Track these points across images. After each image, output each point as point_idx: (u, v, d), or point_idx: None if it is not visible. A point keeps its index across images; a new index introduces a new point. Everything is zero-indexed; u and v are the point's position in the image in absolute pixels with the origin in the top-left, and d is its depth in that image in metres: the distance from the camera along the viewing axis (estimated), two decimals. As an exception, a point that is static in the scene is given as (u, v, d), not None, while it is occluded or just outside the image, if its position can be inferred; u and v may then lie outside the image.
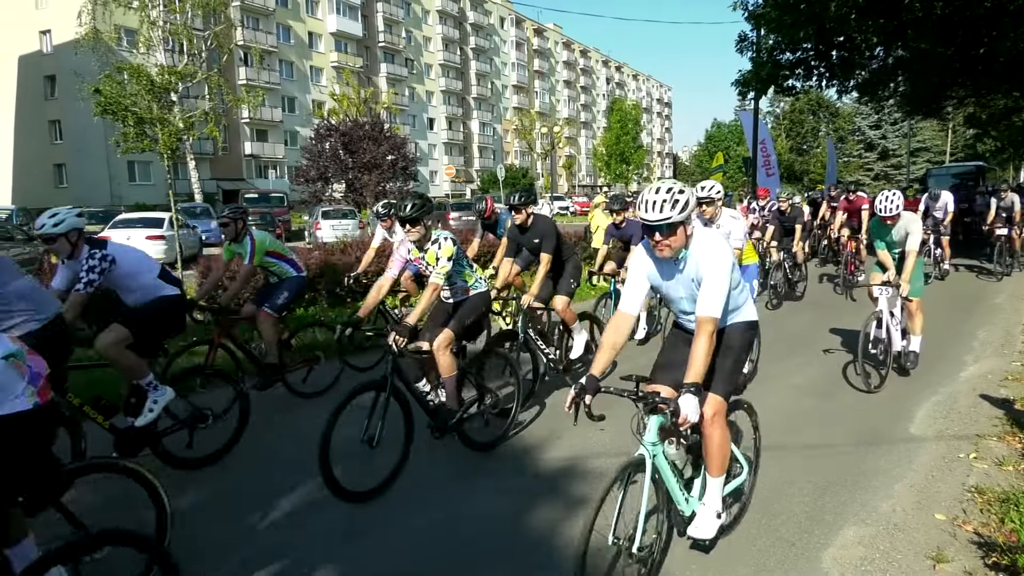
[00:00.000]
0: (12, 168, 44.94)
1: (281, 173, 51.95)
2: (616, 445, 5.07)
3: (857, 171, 58.77)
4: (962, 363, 7.27)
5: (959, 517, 3.92)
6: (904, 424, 5.47)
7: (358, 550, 3.68)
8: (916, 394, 6.21)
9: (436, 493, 4.34)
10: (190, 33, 31.22)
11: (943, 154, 56.51)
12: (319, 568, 3.51)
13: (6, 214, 19.41)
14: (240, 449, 5.07)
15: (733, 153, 66.76)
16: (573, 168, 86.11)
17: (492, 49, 77.51)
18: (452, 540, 3.77)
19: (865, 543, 3.68)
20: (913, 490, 4.29)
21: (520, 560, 3.58)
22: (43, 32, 42.49)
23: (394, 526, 3.93)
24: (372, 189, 32.89)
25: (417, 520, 4.00)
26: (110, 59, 21.67)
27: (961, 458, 4.76)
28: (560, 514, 4.06)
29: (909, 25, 15.33)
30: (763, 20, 18.98)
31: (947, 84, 21.23)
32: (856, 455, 4.85)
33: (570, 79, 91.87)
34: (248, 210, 6.58)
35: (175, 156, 12.28)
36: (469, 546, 3.71)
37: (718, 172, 20.92)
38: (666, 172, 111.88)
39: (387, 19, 62.24)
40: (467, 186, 68.66)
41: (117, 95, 11.00)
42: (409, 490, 4.38)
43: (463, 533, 3.85)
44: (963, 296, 11.27)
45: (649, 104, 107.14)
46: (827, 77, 20.89)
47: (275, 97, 50.79)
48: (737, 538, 3.73)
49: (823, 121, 70.31)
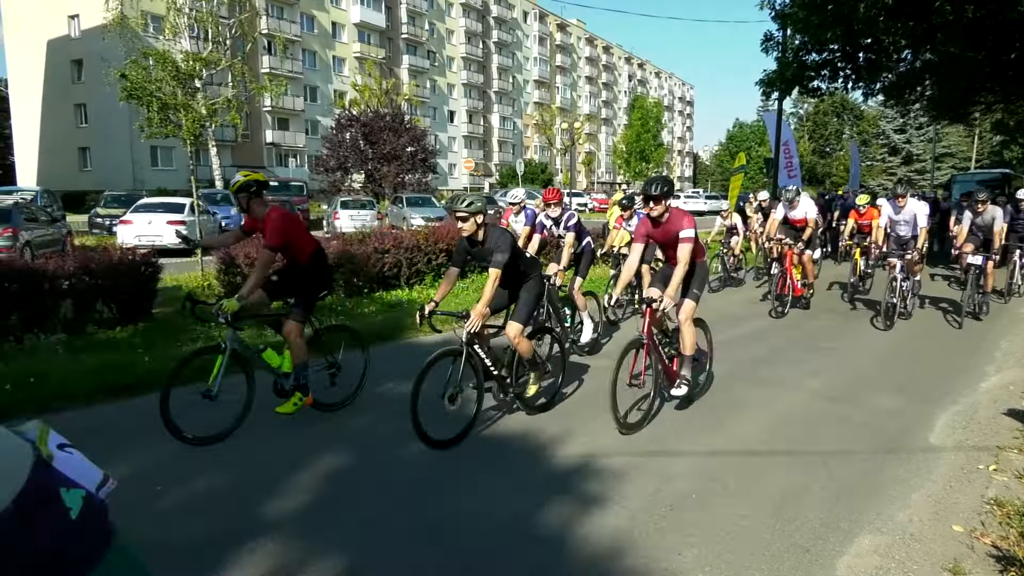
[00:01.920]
0: (38, 150, 45.51)
1: (301, 162, 52.15)
2: (629, 444, 5.06)
3: (880, 175, 58.19)
4: (983, 373, 7.17)
5: (977, 529, 3.86)
6: (923, 433, 5.40)
7: (367, 546, 3.67)
8: (936, 403, 6.13)
9: (449, 489, 4.33)
10: (215, 20, 31.35)
11: (968, 160, 55.80)
12: (330, 559, 3.50)
13: (31, 196, 19.65)
14: (244, 432, 5.10)
15: (754, 154, 66.31)
16: (592, 165, 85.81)
17: (514, 43, 77.32)
18: (464, 536, 3.76)
19: (881, 552, 3.63)
20: (931, 500, 4.24)
21: (534, 557, 3.56)
22: (71, 17, 42.99)
23: (406, 521, 3.92)
24: (391, 180, 32.96)
25: (431, 514, 3.99)
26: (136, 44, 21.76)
27: (980, 469, 4.69)
28: (571, 511, 4.04)
29: (939, 28, 15.10)
30: (790, 20, 18.81)
31: (976, 89, 20.93)
32: (873, 463, 4.79)
33: (592, 75, 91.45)
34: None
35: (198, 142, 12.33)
36: (482, 542, 3.70)
37: (739, 173, 20.70)
38: (686, 171, 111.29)
39: (410, 11, 62.26)
40: (485, 180, 68.64)
41: (143, 80, 11.07)
42: (422, 485, 4.38)
43: (475, 529, 3.83)
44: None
45: (671, 102, 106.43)
46: (853, 79, 20.68)
47: (297, 86, 51.01)
48: (752, 542, 3.70)
49: (847, 123, 69.66)
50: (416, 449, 4.80)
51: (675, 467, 4.68)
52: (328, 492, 4.26)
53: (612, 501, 4.16)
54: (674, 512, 4.03)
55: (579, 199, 51.11)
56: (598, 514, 4.00)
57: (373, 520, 3.90)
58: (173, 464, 4.61)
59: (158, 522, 3.83)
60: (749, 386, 6.57)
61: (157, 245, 12.32)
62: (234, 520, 3.85)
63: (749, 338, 8.75)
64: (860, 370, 7.31)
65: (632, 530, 3.82)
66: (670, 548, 3.63)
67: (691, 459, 4.83)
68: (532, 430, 5.35)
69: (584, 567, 3.47)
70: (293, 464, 4.61)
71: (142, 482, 4.23)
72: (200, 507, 4.03)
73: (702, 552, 3.59)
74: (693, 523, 3.90)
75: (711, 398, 6.00)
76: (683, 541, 3.70)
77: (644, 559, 3.54)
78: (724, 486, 4.39)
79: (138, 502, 3.99)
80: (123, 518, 2.48)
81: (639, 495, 4.25)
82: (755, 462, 4.78)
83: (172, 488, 4.27)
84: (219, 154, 34.10)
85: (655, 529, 3.84)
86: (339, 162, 33.80)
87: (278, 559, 3.48)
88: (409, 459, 4.72)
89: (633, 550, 3.62)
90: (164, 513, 3.96)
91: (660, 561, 3.52)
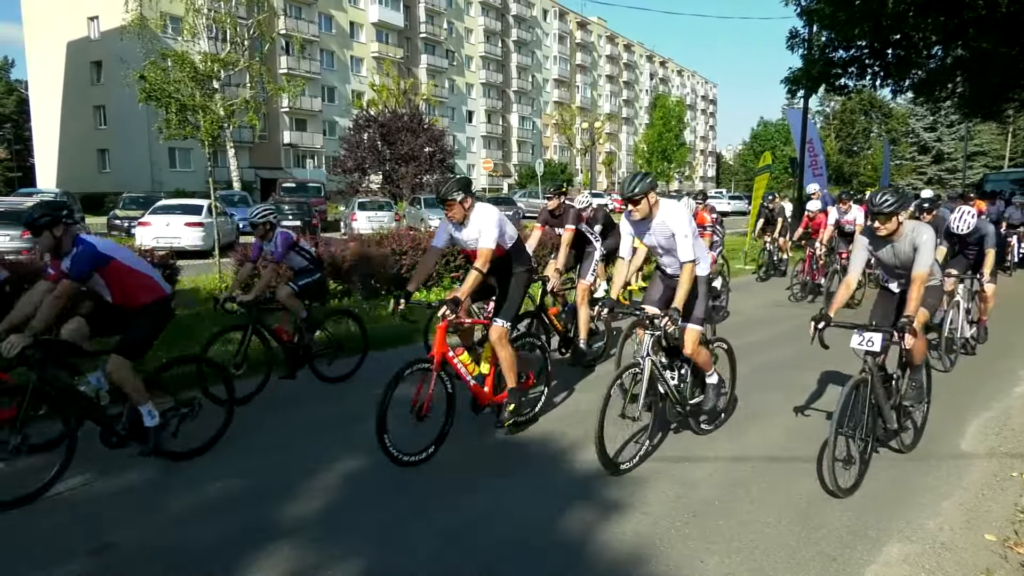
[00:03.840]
0: (58, 152, 46.06)
1: (319, 163, 52.44)
2: (651, 449, 4.97)
3: (910, 174, 57.33)
4: (1017, 378, 7.00)
5: (1010, 539, 3.75)
6: (954, 440, 5.27)
7: (385, 549, 3.63)
8: (967, 409, 5.98)
9: (467, 493, 4.28)
10: (234, 21, 31.61)
11: (1002, 159, 54.88)
12: (348, 563, 3.46)
13: (51, 198, 19.80)
14: (261, 437, 5.07)
15: (779, 153, 65.45)
16: (613, 165, 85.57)
17: (534, 42, 77.20)
18: (484, 539, 3.71)
19: (911, 561, 3.53)
20: (962, 508, 4.12)
21: (554, 562, 3.51)
22: (91, 18, 43.50)
23: (424, 525, 3.87)
24: (409, 181, 33.04)
25: (448, 519, 3.94)
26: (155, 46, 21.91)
27: (1014, 477, 4.56)
28: (593, 516, 3.98)
29: (971, 23, 14.83)
30: (816, 16, 18.60)
31: (1009, 86, 20.49)
32: (902, 470, 4.67)
33: (613, 74, 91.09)
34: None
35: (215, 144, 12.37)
36: (501, 547, 3.64)
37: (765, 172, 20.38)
38: (709, 171, 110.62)
39: (429, 10, 62.38)
40: (504, 180, 68.61)
41: (161, 82, 11.10)
42: (439, 488, 4.33)
43: (495, 532, 3.78)
44: (1019, 305, 10.83)
45: (693, 101, 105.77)
46: (882, 76, 20.43)
47: (315, 87, 51.22)
48: (776, 550, 3.61)
49: (875, 122, 68.73)
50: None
51: (698, 473, 4.59)
52: (345, 496, 4.23)
53: (633, 507, 4.09)
54: (697, 519, 3.95)
55: (599, 199, 51.03)
56: (619, 520, 3.93)
57: (390, 523, 3.86)
58: (190, 469, 4.62)
59: (176, 524, 3.81)
60: (772, 391, 6.42)
61: (175, 247, 12.37)
62: (251, 524, 3.82)
63: (772, 342, 8.61)
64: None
65: (654, 536, 3.75)
66: (692, 555, 3.56)
67: (714, 465, 4.73)
68: (552, 435, 5.28)
69: (605, 573, 3.41)
70: (309, 469, 4.58)
71: (157, 488, 4.20)
72: (218, 511, 4.02)
73: (725, 560, 3.52)
74: (716, 530, 3.82)
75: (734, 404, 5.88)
76: (706, 548, 3.63)
77: (666, 566, 3.47)
78: (747, 492, 4.30)
79: (152, 507, 3.97)
80: (138, 524, 2.38)
81: (661, 501, 4.17)
82: (779, 469, 4.68)
83: (188, 493, 4.26)
84: (237, 155, 34.37)
85: (677, 536, 3.76)
86: (357, 163, 33.93)
87: (295, 563, 3.45)
88: (426, 463, 4.66)
89: (655, 557, 3.55)
90: (180, 517, 3.94)
91: (682, 568, 3.45)
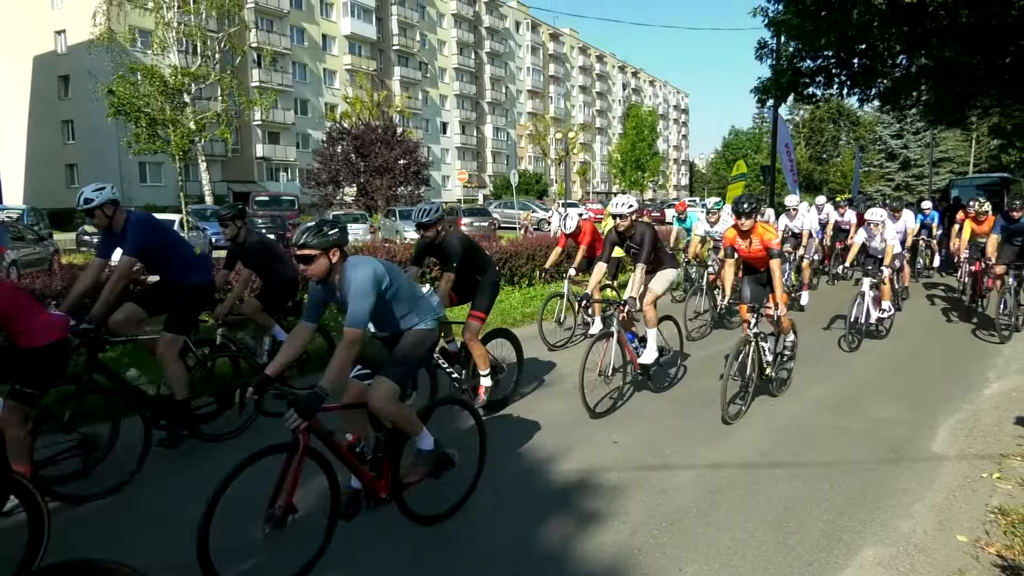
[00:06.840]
0: (24, 168, 45.24)
1: (292, 176, 52.01)
2: (628, 459, 4.98)
3: (878, 181, 58.12)
4: (985, 380, 7.11)
5: (982, 539, 3.80)
6: (925, 442, 5.34)
7: (362, 567, 3.60)
8: (938, 412, 6.07)
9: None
10: (204, 34, 31.25)
11: (966, 165, 55.80)
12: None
13: (17, 214, 19.44)
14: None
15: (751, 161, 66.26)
16: (588, 174, 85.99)
17: (507, 53, 77.50)
18: (465, 554, 3.70)
19: (885, 564, 3.57)
20: (934, 510, 4.18)
21: (530, 573, 3.50)
22: (58, 32, 42.72)
23: (404, 539, 3.84)
24: (383, 193, 33.00)
25: (428, 533, 3.91)
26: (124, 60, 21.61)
27: (984, 478, 4.63)
28: (571, 527, 3.97)
29: (933, 33, 15.07)
30: (783, 27, 18.84)
31: (972, 93, 20.83)
32: (875, 473, 4.73)
33: (586, 84, 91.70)
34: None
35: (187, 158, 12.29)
36: (481, 560, 3.63)
37: (740, 180, 20.55)
38: (682, 180, 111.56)
39: (401, 22, 62.30)
40: (479, 191, 68.63)
41: (130, 96, 11.01)
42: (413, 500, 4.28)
43: (476, 546, 3.77)
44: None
45: (666, 111, 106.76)
46: (848, 85, 20.72)
47: (288, 99, 50.85)
48: (753, 556, 3.64)
49: (843, 130, 69.75)
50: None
51: (675, 481, 4.60)
52: (319, 510, 4.16)
53: (612, 516, 4.09)
54: (675, 527, 3.97)
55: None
56: (597, 530, 3.93)
57: (372, 539, 3.83)
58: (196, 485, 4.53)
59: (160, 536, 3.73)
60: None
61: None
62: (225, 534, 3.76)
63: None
64: (860, 379, 7.24)
65: (632, 545, 3.76)
66: (671, 563, 3.58)
67: (691, 472, 4.75)
68: (530, 446, 5.26)
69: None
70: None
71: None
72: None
73: (703, 567, 3.54)
74: (694, 537, 3.84)
75: (710, 410, 5.90)
76: (684, 556, 3.64)
77: (645, 575, 3.48)
78: (725, 499, 4.32)
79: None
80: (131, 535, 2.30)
81: (639, 510, 4.18)
82: (756, 474, 4.71)
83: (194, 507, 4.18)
84: (209, 169, 33.98)
85: (656, 544, 3.77)
86: (331, 176, 33.82)
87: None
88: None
89: (634, 566, 3.56)
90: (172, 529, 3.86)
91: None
